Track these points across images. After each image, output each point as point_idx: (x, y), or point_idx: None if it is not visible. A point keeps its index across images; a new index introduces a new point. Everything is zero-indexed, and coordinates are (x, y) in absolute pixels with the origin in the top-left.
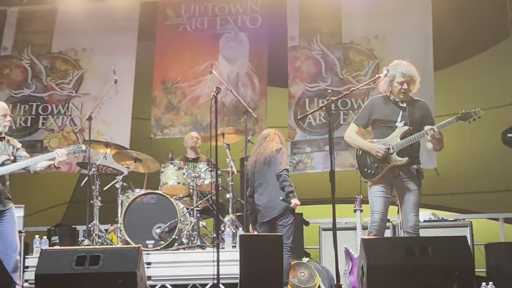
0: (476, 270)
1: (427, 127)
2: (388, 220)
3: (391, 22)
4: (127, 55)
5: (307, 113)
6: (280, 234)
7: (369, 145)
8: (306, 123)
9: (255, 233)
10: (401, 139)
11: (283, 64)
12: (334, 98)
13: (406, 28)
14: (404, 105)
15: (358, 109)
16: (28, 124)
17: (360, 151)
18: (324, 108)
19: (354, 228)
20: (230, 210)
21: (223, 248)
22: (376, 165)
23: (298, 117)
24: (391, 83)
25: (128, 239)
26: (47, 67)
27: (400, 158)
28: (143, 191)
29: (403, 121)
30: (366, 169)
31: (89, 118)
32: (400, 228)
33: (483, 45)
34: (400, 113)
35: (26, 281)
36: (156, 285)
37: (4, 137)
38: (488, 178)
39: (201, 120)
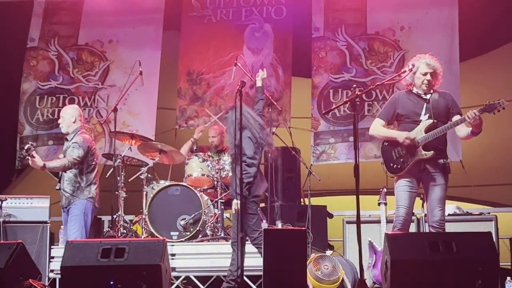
0: (501, 264)
1: (455, 118)
2: (413, 214)
3: (417, 13)
4: (153, 46)
5: (332, 108)
6: (305, 228)
7: (396, 132)
8: (330, 114)
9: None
10: (425, 132)
11: (308, 55)
12: (359, 93)
13: (432, 19)
14: (428, 97)
15: (382, 100)
16: (55, 116)
17: (386, 147)
18: (348, 102)
19: (378, 221)
20: None
21: (247, 240)
22: (402, 159)
23: (323, 112)
24: (414, 75)
25: (153, 230)
26: (74, 59)
27: (425, 152)
28: (167, 183)
29: (427, 114)
30: (391, 164)
31: (115, 110)
32: (425, 222)
33: (509, 35)
34: (424, 106)
35: (52, 271)
36: (180, 277)
37: (67, 139)
38: None
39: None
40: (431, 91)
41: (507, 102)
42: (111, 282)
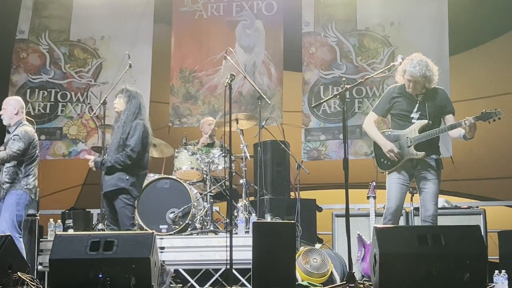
0: (489, 257)
1: (448, 117)
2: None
3: (406, 9)
4: (144, 41)
5: (321, 101)
6: (294, 222)
7: (383, 141)
8: (321, 111)
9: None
10: (419, 132)
11: (298, 49)
12: (348, 86)
13: (421, 14)
14: (419, 98)
15: (373, 97)
16: (47, 111)
17: None
18: (338, 96)
19: (367, 215)
20: (243, 195)
21: (236, 233)
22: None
23: (312, 106)
24: (403, 77)
25: (142, 224)
26: (66, 54)
27: (417, 152)
28: (157, 176)
29: (419, 112)
30: (382, 160)
31: (104, 103)
32: (414, 216)
33: (499, 30)
34: (417, 104)
35: (41, 264)
36: None
37: (9, 131)
38: (503, 165)
39: (219, 109)
40: (422, 92)
41: (503, 113)
42: (100, 275)
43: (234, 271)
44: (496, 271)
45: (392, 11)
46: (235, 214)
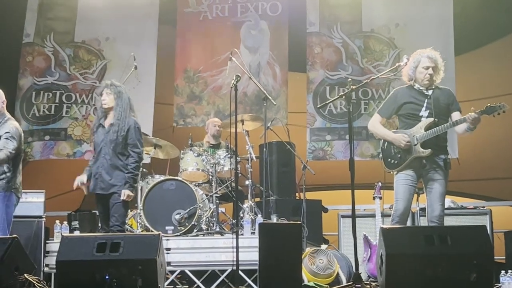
0: (495, 257)
1: (455, 114)
2: None
3: (412, 10)
4: (149, 42)
5: (327, 102)
6: (299, 222)
7: (392, 135)
8: (327, 111)
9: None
10: (425, 130)
11: (303, 50)
12: (354, 87)
13: (426, 15)
14: (429, 93)
15: (379, 99)
16: (52, 112)
17: (386, 142)
18: (344, 97)
19: (373, 215)
20: (249, 196)
21: (242, 234)
22: (399, 155)
23: (318, 106)
24: (416, 69)
25: (148, 225)
26: (70, 56)
27: (423, 150)
28: (163, 177)
29: (428, 110)
30: (389, 159)
31: None
32: (420, 216)
33: (504, 30)
34: (425, 102)
35: (47, 265)
36: (175, 271)
37: None
38: (508, 165)
39: (223, 109)
40: (433, 87)
41: (507, 105)
42: (106, 277)
43: (240, 272)
44: (503, 271)
45: (397, 13)
46: (241, 215)
